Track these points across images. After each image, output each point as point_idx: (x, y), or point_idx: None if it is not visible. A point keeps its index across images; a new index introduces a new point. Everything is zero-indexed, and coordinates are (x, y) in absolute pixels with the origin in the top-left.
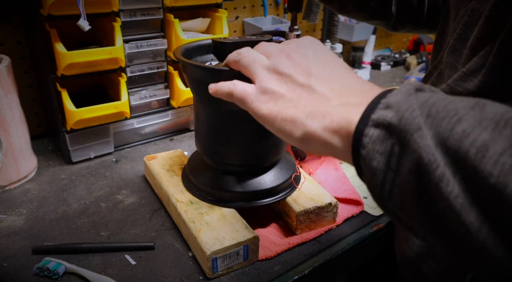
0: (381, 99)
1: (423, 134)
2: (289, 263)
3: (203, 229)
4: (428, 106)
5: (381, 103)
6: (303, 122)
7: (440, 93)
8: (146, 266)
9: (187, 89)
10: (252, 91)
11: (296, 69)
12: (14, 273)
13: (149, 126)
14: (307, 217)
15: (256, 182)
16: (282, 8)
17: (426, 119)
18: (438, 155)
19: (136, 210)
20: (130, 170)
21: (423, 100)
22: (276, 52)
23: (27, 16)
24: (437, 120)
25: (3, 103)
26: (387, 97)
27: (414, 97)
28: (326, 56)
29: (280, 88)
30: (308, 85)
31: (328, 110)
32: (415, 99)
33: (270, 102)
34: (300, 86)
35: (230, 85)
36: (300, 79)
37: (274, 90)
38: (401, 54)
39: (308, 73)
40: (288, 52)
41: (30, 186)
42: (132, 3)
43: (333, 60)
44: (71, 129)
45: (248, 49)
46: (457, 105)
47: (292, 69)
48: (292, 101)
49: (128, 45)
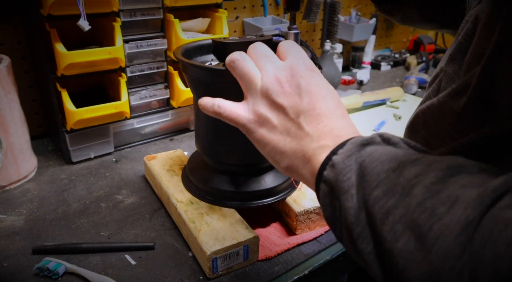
0: (333, 155)
1: (349, 196)
2: (289, 263)
3: (203, 229)
4: (363, 167)
5: (331, 160)
6: (289, 156)
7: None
8: (146, 266)
9: (187, 89)
10: (244, 113)
11: (288, 101)
12: (14, 273)
13: (149, 126)
14: (307, 217)
15: (256, 182)
16: (282, 8)
17: (359, 180)
18: (361, 215)
19: (136, 210)
20: (130, 170)
21: (361, 160)
22: (270, 75)
23: (27, 16)
24: (364, 182)
25: (3, 103)
26: (336, 155)
27: (353, 158)
28: (318, 88)
29: (272, 118)
30: (298, 122)
31: (309, 153)
32: (354, 160)
33: (263, 129)
34: (290, 121)
35: (215, 108)
36: (291, 115)
37: (267, 118)
38: (401, 54)
39: (298, 110)
40: (282, 81)
41: (30, 186)
42: (132, 3)
43: (323, 95)
44: (71, 129)
45: (242, 57)
46: (383, 167)
47: (285, 101)
48: (283, 135)
49: (128, 45)
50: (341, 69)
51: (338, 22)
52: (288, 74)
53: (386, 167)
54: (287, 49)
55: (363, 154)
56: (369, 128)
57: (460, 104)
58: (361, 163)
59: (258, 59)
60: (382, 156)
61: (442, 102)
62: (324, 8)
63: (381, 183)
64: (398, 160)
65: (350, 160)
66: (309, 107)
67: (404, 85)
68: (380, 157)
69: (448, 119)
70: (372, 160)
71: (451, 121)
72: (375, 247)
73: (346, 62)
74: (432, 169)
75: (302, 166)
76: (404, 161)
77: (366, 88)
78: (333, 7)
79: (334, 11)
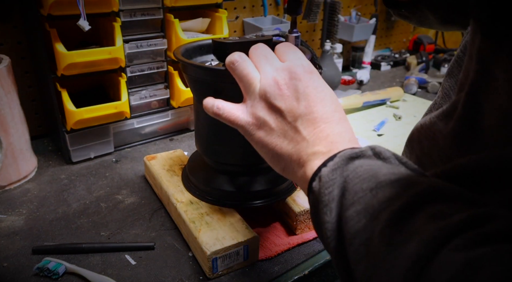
0: (323, 166)
1: (328, 211)
2: (289, 263)
3: (203, 229)
4: (346, 182)
5: (320, 171)
6: (285, 159)
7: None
8: (146, 266)
9: (187, 89)
10: (243, 115)
11: (286, 105)
12: (14, 273)
13: (149, 126)
14: (307, 217)
15: (256, 182)
16: (282, 8)
17: (340, 195)
18: (336, 231)
19: (136, 210)
20: (130, 170)
21: (346, 175)
22: (268, 77)
23: (27, 16)
24: (343, 199)
25: (3, 103)
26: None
27: (339, 172)
28: (316, 91)
29: (270, 121)
30: (295, 126)
31: (304, 158)
32: (339, 173)
33: (261, 132)
34: (288, 125)
35: (215, 109)
36: (289, 119)
37: (265, 121)
38: (401, 54)
39: (296, 114)
40: (280, 84)
41: (30, 186)
42: (132, 3)
43: (321, 98)
44: (71, 129)
45: (242, 58)
46: (362, 185)
47: (283, 104)
48: (280, 138)
49: (128, 45)
50: (341, 69)
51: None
52: (286, 77)
53: (365, 185)
54: (285, 51)
55: (349, 167)
56: (369, 128)
57: (449, 128)
58: (346, 177)
59: (257, 60)
60: (365, 172)
61: (433, 123)
62: (324, 8)
63: (356, 201)
64: (378, 178)
65: (335, 173)
66: (306, 111)
67: (404, 85)
68: (363, 173)
69: (439, 141)
70: (355, 176)
71: (441, 143)
72: (346, 265)
73: (346, 62)
74: (407, 193)
75: (297, 170)
76: (383, 181)
77: (366, 88)
78: (333, 7)
79: (334, 11)
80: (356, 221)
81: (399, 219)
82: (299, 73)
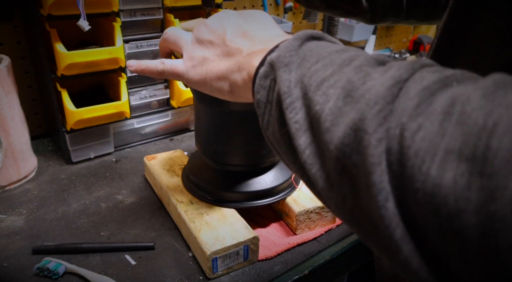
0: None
1: (288, 70)
2: (289, 263)
3: (203, 229)
4: (309, 50)
5: (277, 47)
6: (227, 76)
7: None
8: (146, 266)
9: (187, 89)
10: (182, 64)
11: (213, 34)
12: (14, 273)
13: (149, 126)
14: (307, 217)
15: (256, 182)
16: (282, 8)
17: (300, 61)
18: (295, 89)
19: (136, 210)
20: (130, 170)
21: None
22: (197, 25)
23: (27, 16)
24: (305, 61)
25: (3, 103)
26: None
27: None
28: (240, 18)
29: (204, 53)
30: (226, 44)
31: (240, 61)
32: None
33: (198, 67)
34: (219, 47)
35: (159, 65)
36: (219, 42)
37: (198, 56)
38: (401, 54)
39: (225, 37)
40: (206, 22)
41: (30, 186)
42: (132, 3)
43: (247, 21)
44: (71, 129)
45: (172, 27)
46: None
47: (211, 34)
48: (215, 61)
49: (128, 45)
50: None
51: (338, 22)
52: (211, 17)
53: (329, 49)
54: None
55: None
56: None
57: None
58: (309, 47)
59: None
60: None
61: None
62: None
63: (321, 59)
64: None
65: (296, 42)
66: (234, 31)
67: None
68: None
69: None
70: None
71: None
72: (304, 114)
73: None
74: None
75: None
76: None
77: None
78: None
79: None
80: (323, 71)
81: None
82: (222, 13)
